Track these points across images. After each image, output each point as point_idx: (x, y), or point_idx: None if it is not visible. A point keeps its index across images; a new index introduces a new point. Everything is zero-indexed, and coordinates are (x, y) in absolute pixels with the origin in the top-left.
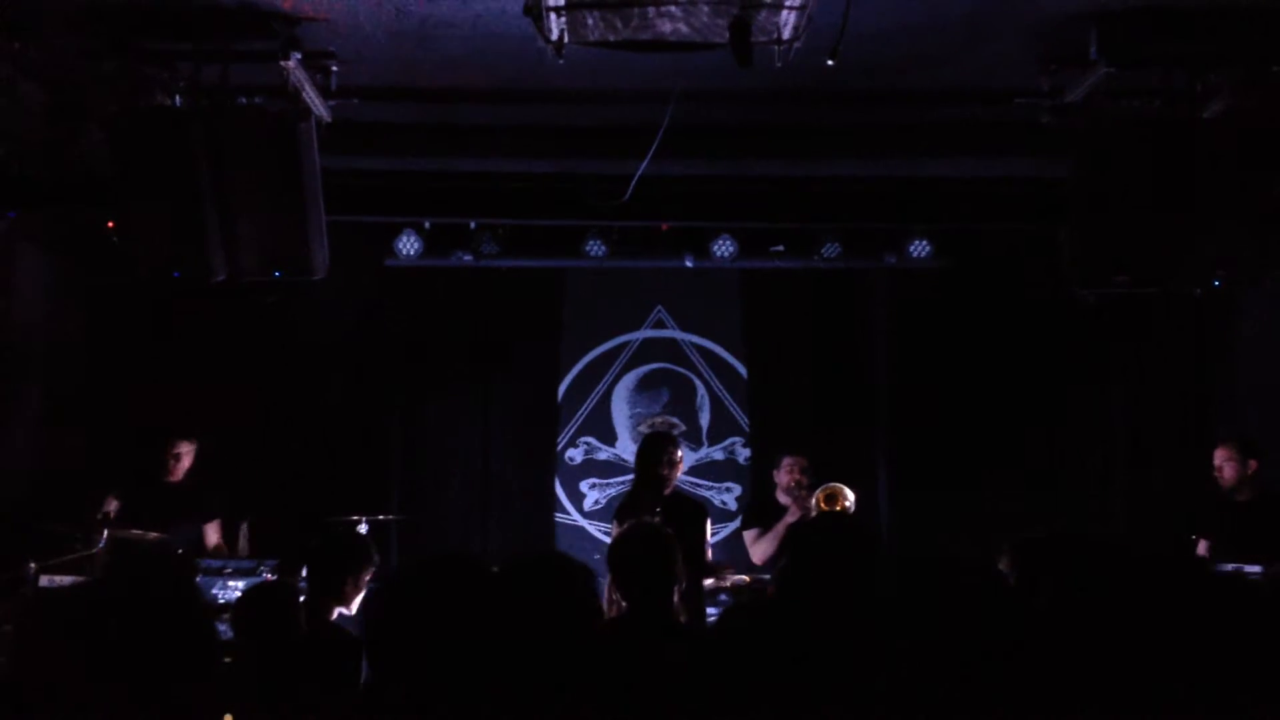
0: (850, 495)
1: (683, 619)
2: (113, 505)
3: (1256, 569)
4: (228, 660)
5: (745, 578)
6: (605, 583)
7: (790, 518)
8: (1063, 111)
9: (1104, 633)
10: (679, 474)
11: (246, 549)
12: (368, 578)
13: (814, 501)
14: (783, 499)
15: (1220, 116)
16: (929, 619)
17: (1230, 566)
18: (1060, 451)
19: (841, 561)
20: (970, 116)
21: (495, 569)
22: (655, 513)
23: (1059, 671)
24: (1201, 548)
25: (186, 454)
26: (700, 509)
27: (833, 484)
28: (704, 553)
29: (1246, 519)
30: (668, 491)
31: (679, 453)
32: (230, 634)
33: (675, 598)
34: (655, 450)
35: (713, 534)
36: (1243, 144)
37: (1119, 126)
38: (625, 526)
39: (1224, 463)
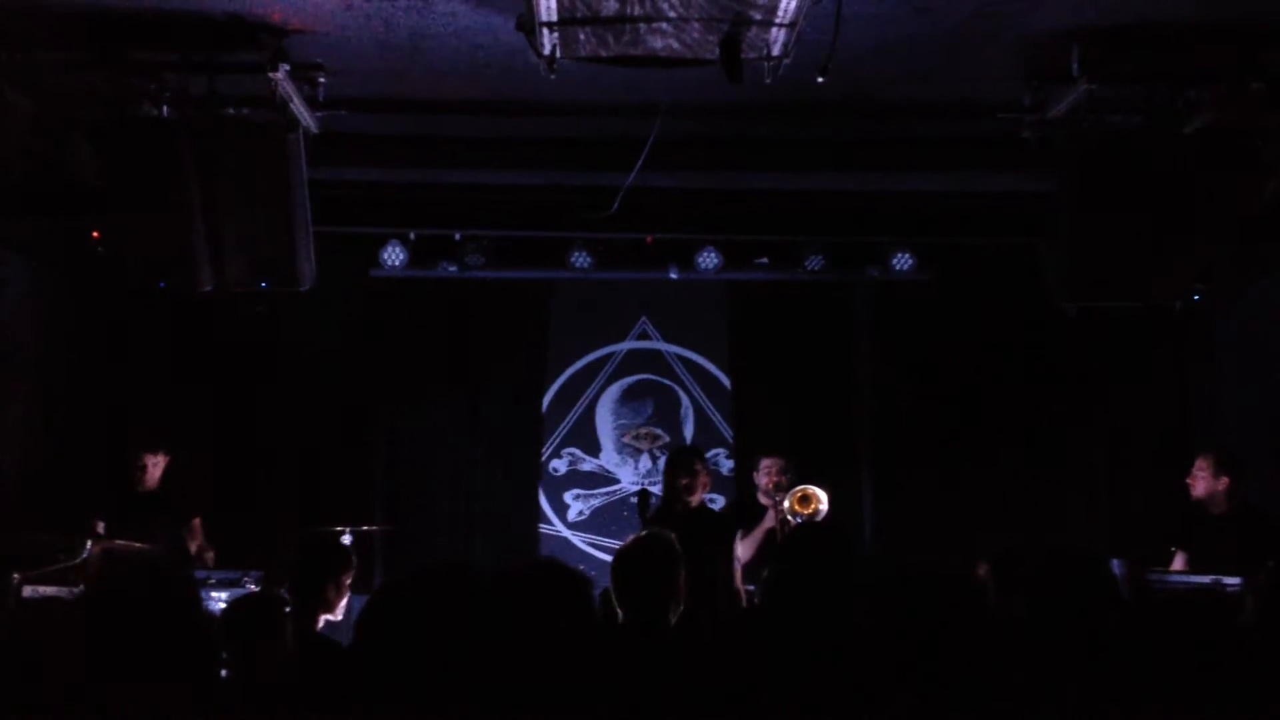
0: (823, 496)
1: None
2: (100, 526)
3: (1236, 581)
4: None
5: None
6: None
7: (770, 521)
8: (1045, 127)
9: (1078, 642)
10: (703, 488)
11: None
12: (349, 582)
13: (787, 504)
14: (763, 500)
15: (1201, 132)
16: (909, 627)
17: (1209, 579)
18: (1041, 462)
19: (826, 570)
20: (953, 131)
21: (490, 578)
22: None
23: (1033, 680)
24: (1179, 561)
25: (154, 465)
26: (721, 522)
27: (805, 486)
28: (728, 566)
29: (1223, 533)
30: (692, 505)
31: (698, 466)
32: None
33: (673, 614)
34: (673, 465)
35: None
36: (1222, 159)
37: (1101, 142)
38: (630, 539)
39: (1197, 473)
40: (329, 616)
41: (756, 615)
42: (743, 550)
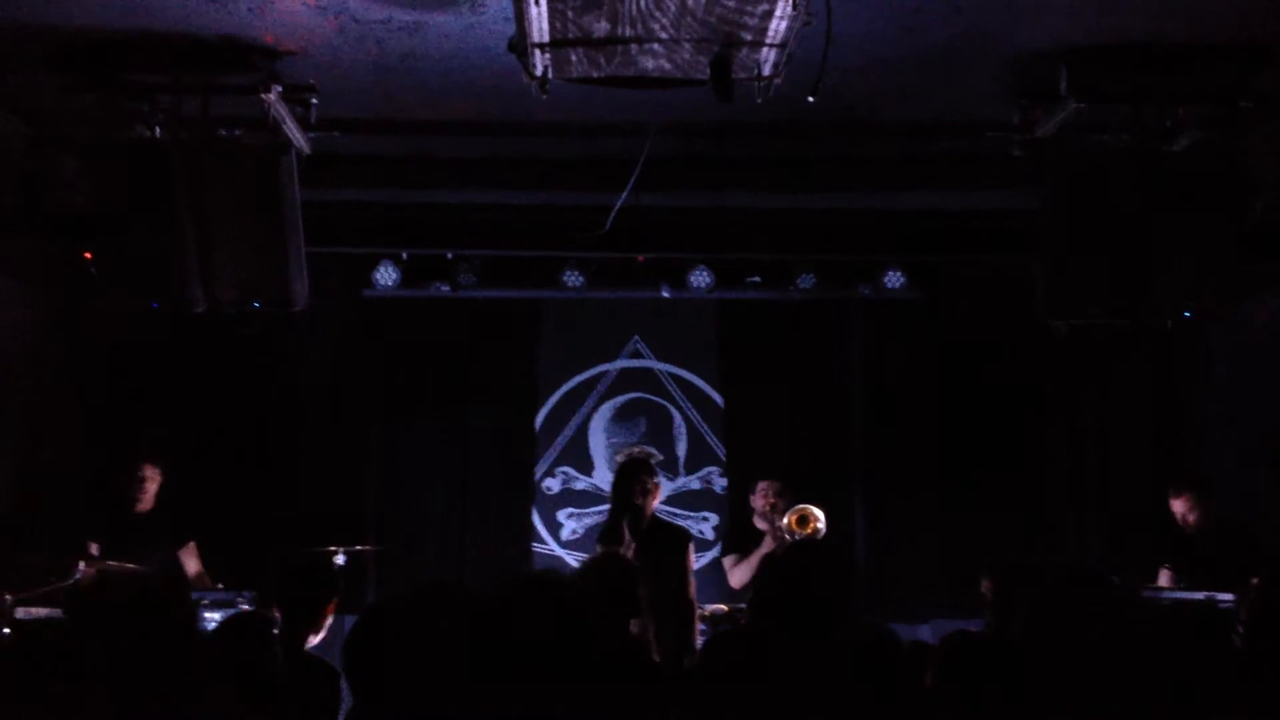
0: (820, 516)
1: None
2: (95, 549)
3: (1228, 597)
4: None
5: (724, 607)
6: None
7: (767, 545)
8: (1034, 146)
9: (1080, 658)
10: (656, 502)
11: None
12: (334, 602)
13: (785, 523)
14: (759, 524)
15: (1189, 150)
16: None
17: (1202, 595)
18: (1031, 478)
19: (816, 589)
20: (943, 150)
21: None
22: (634, 541)
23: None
24: (1164, 578)
25: (153, 478)
26: (681, 536)
27: (803, 505)
28: (688, 582)
29: (1207, 548)
30: (646, 519)
31: (654, 480)
32: None
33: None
34: (629, 478)
35: (695, 561)
36: (1211, 177)
37: (1090, 160)
38: (585, 560)
39: (1188, 511)
40: (313, 637)
41: (747, 630)
42: (741, 572)
